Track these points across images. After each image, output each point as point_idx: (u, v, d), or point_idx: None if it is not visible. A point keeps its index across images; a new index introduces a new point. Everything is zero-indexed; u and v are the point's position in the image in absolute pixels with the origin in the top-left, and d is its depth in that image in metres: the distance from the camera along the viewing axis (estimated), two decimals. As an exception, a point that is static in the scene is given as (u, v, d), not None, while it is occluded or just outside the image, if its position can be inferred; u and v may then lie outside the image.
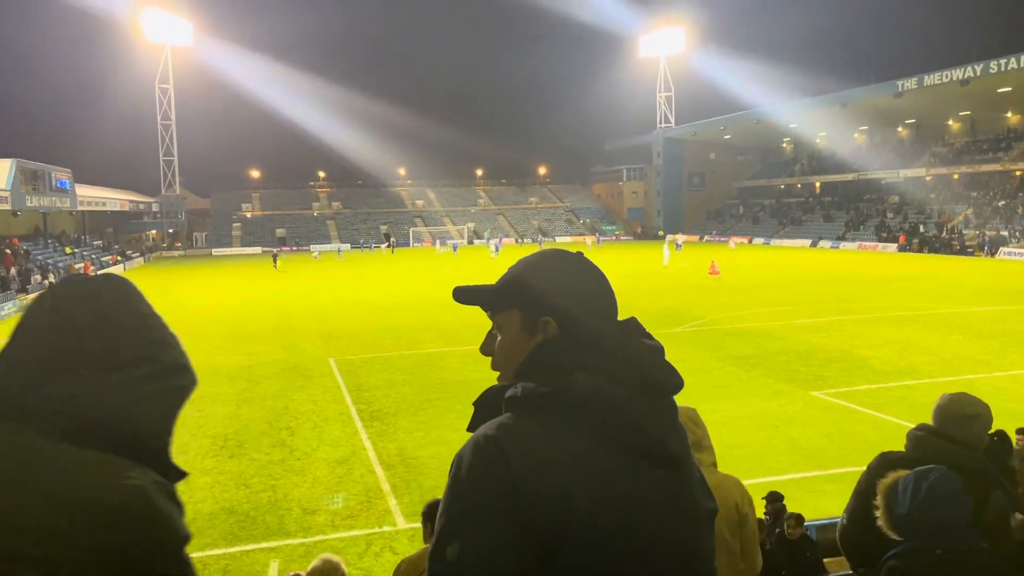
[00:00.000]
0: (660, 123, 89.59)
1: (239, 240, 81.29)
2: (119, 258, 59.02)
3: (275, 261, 54.21)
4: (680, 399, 1.39)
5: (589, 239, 73.84)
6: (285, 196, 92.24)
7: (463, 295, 1.49)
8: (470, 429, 1.34)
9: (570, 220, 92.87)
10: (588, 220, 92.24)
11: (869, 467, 3.00)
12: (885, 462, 2.98)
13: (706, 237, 78.22)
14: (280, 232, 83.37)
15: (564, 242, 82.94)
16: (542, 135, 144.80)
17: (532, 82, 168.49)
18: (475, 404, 1.38)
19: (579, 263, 1.45)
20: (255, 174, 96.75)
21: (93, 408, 1.17)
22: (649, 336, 1.42)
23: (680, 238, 64.30)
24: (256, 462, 10.90)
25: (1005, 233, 49.94)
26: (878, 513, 2.54)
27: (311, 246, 76.08)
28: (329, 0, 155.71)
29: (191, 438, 11.99)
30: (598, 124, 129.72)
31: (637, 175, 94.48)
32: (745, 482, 9.80)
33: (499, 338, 1.45)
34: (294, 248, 78.47)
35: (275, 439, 12.00)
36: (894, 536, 2.49)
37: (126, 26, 78.89)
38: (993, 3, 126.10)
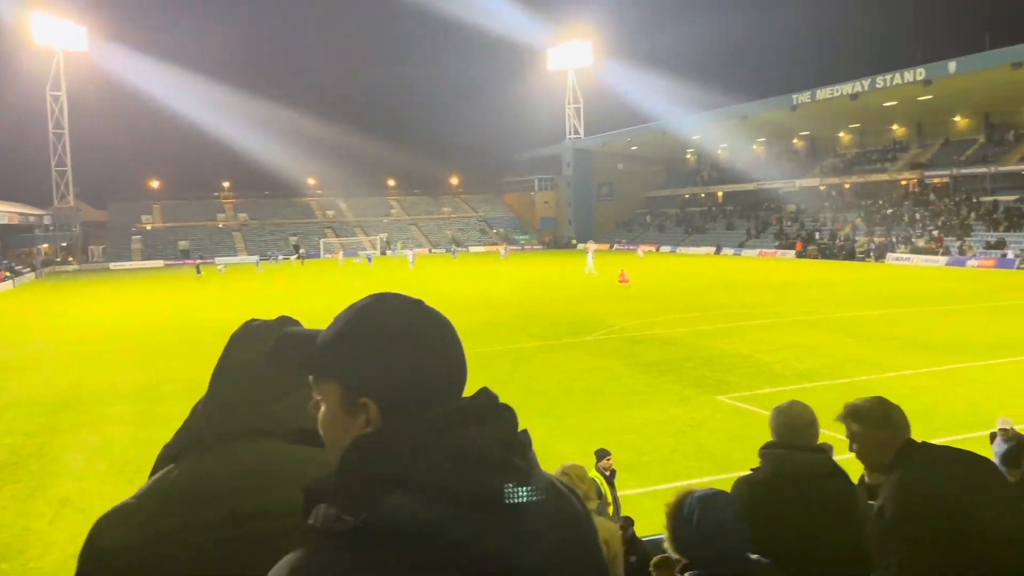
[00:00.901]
0: (569, 134, 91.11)
1: (139, 253, 78.11)
2: (7, 274, 55.74)
3: (199, 270, 56.03)
4: (591, 410, 1.33)
5: (503, 248, 74.18)
6: (188, 207, 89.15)
7: (280, 363, 1.28)
8: (301, 526, 1.11)
9: (483, 229, 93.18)
10: (501, 229, 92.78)
11: (735, 494, 2.92)
12: (748, 484, 3.04)
13: (616, 246, 79.83)
14: (183, 244, 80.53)
15: (477, 251, 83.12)
16: (455, 145, 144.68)
17: (444, 92, 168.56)
18: (305, 492, 1.12)
19: (416, 319, 1.21)
20: (156, 184, 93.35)
21: (308, 420, 1.36)
22: (499, 415, 1.17)
23: (592, 246, 65.42)
24: (159, 486, 10.46)
25: (893, 239, 52.94)
26: (664, 534, 2.53)
27: (216, 259, 73.76)
28: (236, 5, 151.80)
29: (87, 463, 11.42)
30: (510, 134, 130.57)
31: (548, 185, 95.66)
32: (654, 488, 10.05)
33: (321, 408, 1.22)
34: (198, 260, 75.81)
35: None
36: (676, 556, 2.49)
37: (12, 30, 74.86)
38: (880, 22, 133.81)
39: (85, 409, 15.15)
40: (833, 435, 3.71)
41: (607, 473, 7.54)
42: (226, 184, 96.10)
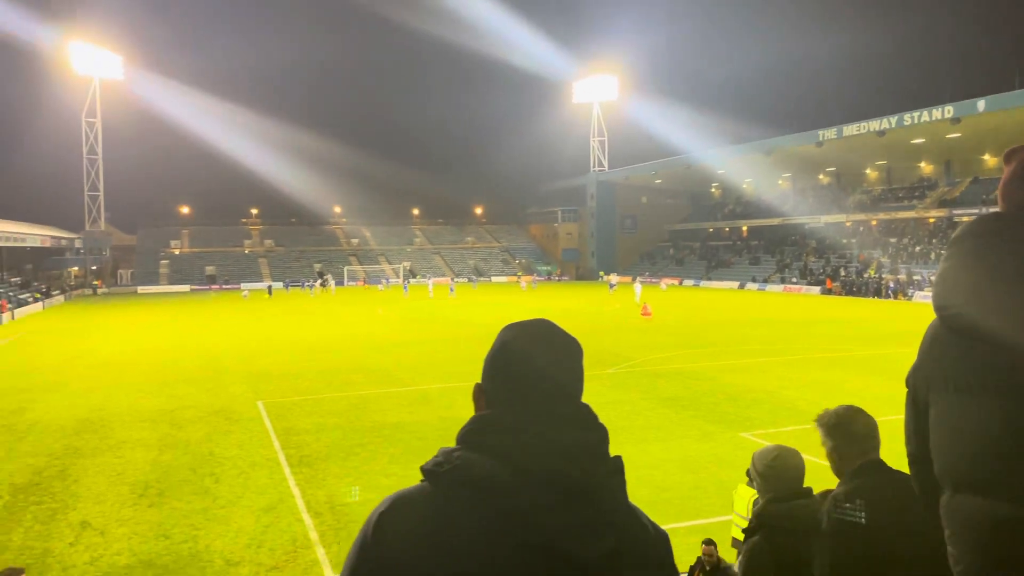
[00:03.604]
0: (594, 166, 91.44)
1: (166, 278, 79.11)
2: (38, 296, 56.64)
3: (270, 292, 63.87)
4: (613, 441, 1.39)
5: (524, 280, 74.12)
6: (216, 233, 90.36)
7: None
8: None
9: (506, 260, 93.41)
10: (524, 260, 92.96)
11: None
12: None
13: (638, 278, 79.58)
14: (210, 270, 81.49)
15: (499, 282, 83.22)
16: (479, 176, 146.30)
17: (470, 123, 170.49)
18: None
19: (532, 335, 1.45)
20: (185, 210, 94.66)
21: None
22: (586, 425, 1.38)
23: (614, 279, 65.34)
24: (177, 511, 10.49)
25: (919, 277, 52.30)
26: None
27: (241, 284, 74.55)
28: (266, 34, 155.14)
29: (109, 486, 11.48)
30: (534, 166, 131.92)
31: (571, 217, 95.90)
32: (675, 525, 9.89)
33: None
34: (223, 286, 76.61)
35: (198, 486, 11.58)
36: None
37: (51, 58, 76.94)
38: (907, 60, 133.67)
39: (107, 432, 15.27)
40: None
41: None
42: (254, 211, 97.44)
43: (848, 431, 2.73)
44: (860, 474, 2.65)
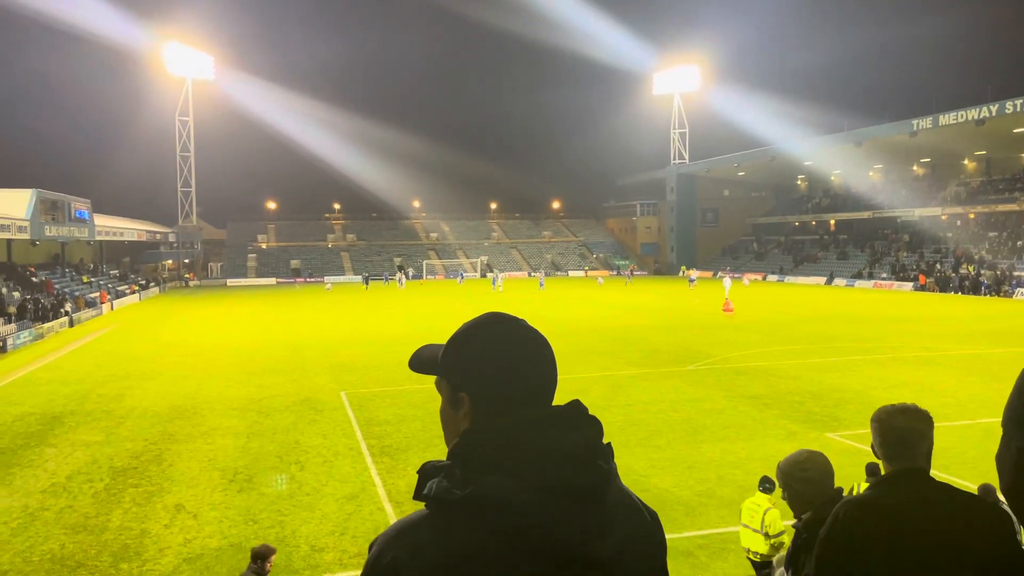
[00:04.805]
0: (674, 159, 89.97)
1: (254, 271, 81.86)
2: (136, 288, 59.49)
3: (367, 283, 66.51)
4: (692, 442, 1.32)
5: (600, 276, 73.43)
6: (300, 227, 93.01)
7: (416, 365, 1.51)
8: (415, 498, 1.34)
9: (583, 254, 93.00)
10: (601, 255, 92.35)
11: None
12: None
13: (719, 273, 78.03)
14: (295, 263, 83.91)
15: (577, 276, 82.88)
16: (556, 169, 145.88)
17: (547, 117, 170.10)
18: (419, 473, 1.37)
19: (512, 334, 1.41)
20: (271, 205, 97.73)
21: None
22: (587, 423, 1.37)
23: (694, 274, 64.17)
24: (265, 497, 10.84)
25: (1022, 273, 49.53)
26: None
27: (324, 278, 76.48)
28: (348, 33, 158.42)
29: (201, 471, 11.96)
30: (612, 159, 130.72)
31: (650, 210, 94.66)
32: (759, 527, 9.50)
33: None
34: (307, 280, 78.74)
35: (284, 473, 11.95)
36: None
37: (148, 60, 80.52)
38: (1010, 44, 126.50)
39: (200, 419, 15.91)
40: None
41: None
42: (336, 206, 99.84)
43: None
44: (883, 484, 2.48)
